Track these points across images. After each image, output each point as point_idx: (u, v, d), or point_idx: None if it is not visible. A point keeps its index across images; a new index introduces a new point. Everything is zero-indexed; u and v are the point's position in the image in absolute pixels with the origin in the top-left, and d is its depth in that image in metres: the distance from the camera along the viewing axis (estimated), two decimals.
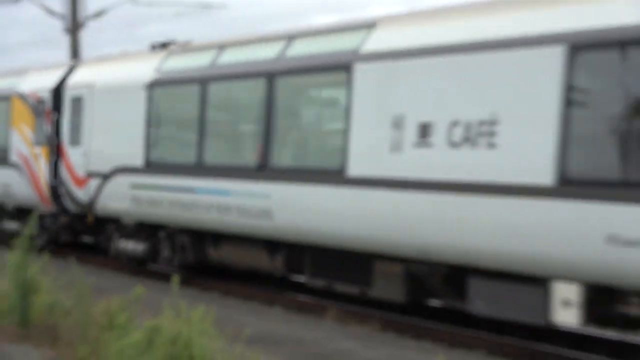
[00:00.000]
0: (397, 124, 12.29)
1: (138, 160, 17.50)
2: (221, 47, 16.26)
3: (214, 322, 13.09)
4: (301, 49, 14.37)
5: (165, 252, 17.28)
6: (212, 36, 18.68)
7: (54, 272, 11.09)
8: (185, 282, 17.66)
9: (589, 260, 10.08)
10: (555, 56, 10.55)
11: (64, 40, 32.71)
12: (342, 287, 13.77)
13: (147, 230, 17.66)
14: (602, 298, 10.48)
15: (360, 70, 13.00)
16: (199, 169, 15.90)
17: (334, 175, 13.21)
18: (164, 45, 18.36)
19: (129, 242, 18.15)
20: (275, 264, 15.04)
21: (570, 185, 10.30)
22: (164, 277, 18.23)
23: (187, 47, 17.51)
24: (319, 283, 14.13)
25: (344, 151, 13.07)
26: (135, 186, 17.53)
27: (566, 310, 10.50)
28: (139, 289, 9.37)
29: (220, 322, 13.39)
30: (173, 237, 17.05)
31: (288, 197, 13.99)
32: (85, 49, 32.03)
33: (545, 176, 10.50)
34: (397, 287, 12.76)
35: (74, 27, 31.34)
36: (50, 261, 11.70)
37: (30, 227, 10.32)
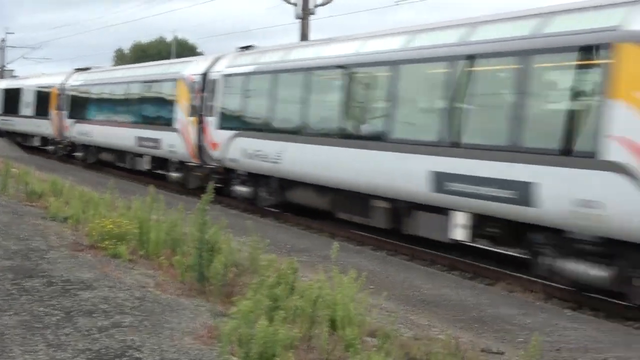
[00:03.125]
0: None
1: None
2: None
3: (392, 284, 14.27)
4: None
5: None
6: None
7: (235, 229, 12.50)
8: (380, 247, 18.80)
9: None
10: None
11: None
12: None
13: None
14: None
15: None
16: None
17: None
18: None
19: None
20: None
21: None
22: (351, 239, 19.49)
23: None
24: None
25: None
26: None
27: None
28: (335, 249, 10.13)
29: (399, 285, 14.56)
30: None
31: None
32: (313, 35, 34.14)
33: None
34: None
35: (304, 13, 33.46)
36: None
37: (211, 191, 11.39)
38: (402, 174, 16.96)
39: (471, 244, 16.96)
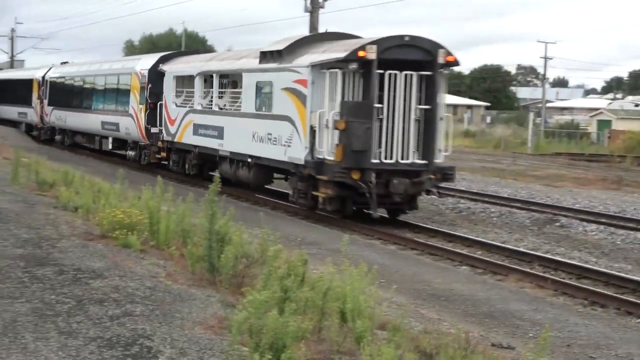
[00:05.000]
0: None
1: None
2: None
3: (402, 278, 14.26)
4: None
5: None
6: None
7: (246, 221, 12.49)
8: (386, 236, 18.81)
9: None
10: None
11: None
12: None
13: None
14: None
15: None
16: None
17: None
18: None
19: None
20: None
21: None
22: (363, 233, 19.50)
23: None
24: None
25: None
26: None
27: None
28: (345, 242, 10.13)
29: (409, 278, 14.54)
30: None
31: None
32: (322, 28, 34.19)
33: None
34: None
35: (314, 7, 33.44)
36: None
37: (217, 183, 11.48)
38: (96, 124, 38.99)
39: (115, 151, 38.50)
